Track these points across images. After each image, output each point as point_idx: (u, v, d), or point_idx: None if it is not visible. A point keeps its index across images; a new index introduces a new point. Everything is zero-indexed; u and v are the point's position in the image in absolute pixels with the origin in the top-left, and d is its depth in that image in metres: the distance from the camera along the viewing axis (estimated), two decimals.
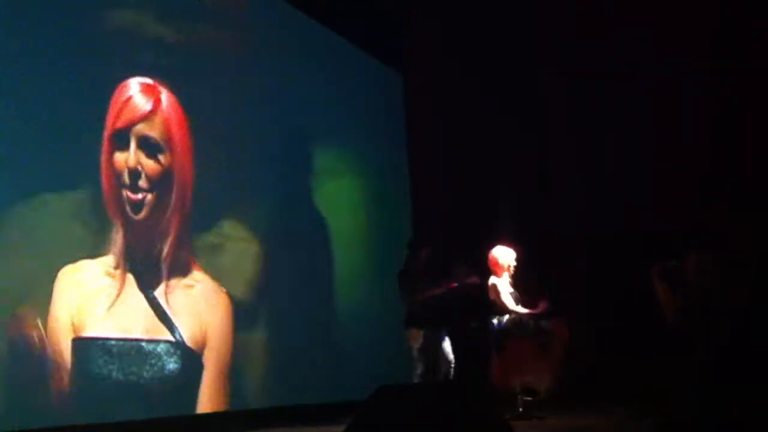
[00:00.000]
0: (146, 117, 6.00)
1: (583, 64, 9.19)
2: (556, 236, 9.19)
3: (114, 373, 5.48)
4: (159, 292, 5.95)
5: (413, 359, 6.32)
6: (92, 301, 5.43)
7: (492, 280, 6.59)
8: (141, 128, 5.93)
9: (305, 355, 7.30)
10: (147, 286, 5.87)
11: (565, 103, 9.50)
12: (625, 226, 8.83)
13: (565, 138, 9.50)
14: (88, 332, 5.36)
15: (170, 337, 5.94)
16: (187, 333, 6.08)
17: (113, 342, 5.51)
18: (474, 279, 6.48)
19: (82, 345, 5.31)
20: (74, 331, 5.28)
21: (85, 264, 5.44)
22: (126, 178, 5.78)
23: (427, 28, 9.40)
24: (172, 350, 5.93)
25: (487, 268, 6.75)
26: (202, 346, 6.21)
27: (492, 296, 6.55)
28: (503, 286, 6.59)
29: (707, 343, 6.55)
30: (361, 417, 1.64)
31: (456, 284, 6.43)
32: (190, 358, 6.09)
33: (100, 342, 5.43)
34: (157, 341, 5.84)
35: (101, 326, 5.45)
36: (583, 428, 5.94)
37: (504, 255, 6.66)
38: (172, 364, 5.89)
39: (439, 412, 1.54)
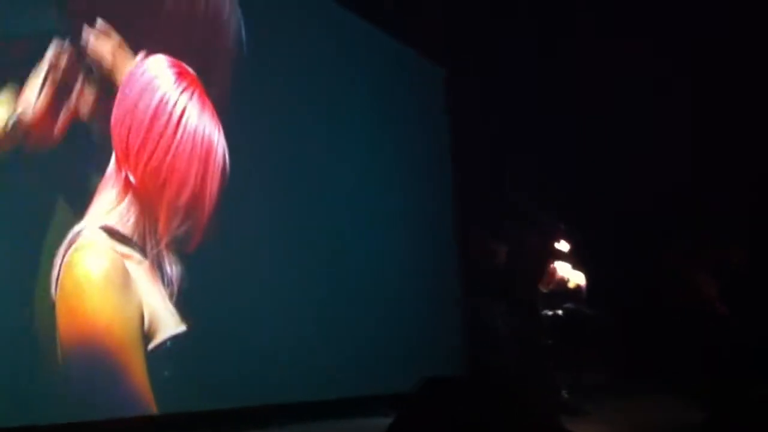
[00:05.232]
0: None
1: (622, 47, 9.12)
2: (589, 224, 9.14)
3: None
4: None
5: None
6: None
7: None
8: None
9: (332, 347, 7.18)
10: None
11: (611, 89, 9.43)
12: (660, 218, 8.79)
13: (605, 128, 9.43)
14: None
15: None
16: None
17: None
18: None
19: None
20: None
21: None
22: None
23: (470, 20, 9.32)
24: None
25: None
26: None
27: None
28: None
29: (749, 330, 6.51)
30: (408, 410, 1.64)
31: None
32: None
33: None
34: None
35: None
36: (637, 426, 5.81)
37: None
38: None
39: (491, 409, 1.55)
